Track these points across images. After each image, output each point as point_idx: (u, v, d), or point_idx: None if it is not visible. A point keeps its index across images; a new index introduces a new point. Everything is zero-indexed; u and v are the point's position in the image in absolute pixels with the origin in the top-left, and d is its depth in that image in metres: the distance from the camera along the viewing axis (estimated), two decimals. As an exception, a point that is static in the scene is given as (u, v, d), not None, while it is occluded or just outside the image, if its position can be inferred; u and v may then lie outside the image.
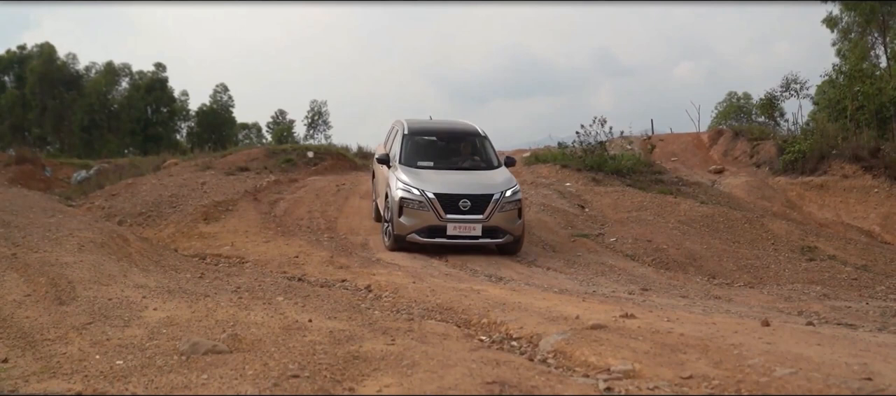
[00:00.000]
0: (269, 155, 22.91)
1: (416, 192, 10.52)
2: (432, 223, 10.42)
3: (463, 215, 10.43)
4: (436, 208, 10.40)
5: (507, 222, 10.56)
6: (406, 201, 10.51)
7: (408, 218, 10.49)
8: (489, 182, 11.05)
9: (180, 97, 62.91)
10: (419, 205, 10.45)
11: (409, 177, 10.87)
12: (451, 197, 10.50)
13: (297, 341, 4.28)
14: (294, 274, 8.64)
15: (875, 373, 3.57)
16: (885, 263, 11.58)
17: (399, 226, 10.54)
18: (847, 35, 30.69)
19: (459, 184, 10.85)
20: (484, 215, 10.46)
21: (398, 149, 11.74)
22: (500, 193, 10.60)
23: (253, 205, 15.21)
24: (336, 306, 5.91)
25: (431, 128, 12.97)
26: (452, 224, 10.42)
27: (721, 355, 4.11)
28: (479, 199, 10.53)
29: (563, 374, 3.88)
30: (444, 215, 10.40)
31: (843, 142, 19.55)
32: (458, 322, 5.66)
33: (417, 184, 10.66)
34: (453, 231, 10.42)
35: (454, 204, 10.45)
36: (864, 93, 21.97)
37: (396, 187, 10.71)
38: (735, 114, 41.80)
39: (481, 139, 12.54)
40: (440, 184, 10.72)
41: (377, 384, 3.47)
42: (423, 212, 10.43)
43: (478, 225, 10.44)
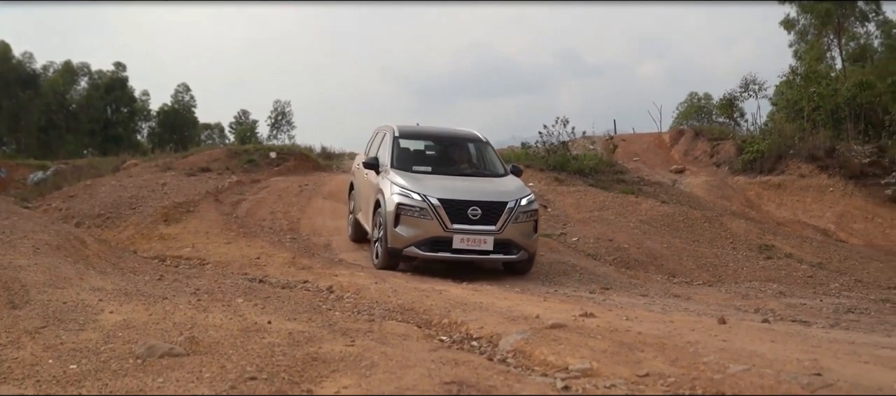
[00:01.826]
0: (232, 155, 22.71)
1: (416, 197, 9.04)
2: (435, 234, 8.94)
3: (472, 225, 8.96)
4: (440, 216, 8.91)
5: (522, 236, 9.20)
6: (404, 208, 9.02)
7: (406, 228, 9.03)
8: (500, 189, 9.64)
9: (141, 97, 62.17)
10: (420, 213, 8.97)
11: (408, 180, 9.42)
12: (458, 203, 9.01)
13: (255, 343, 4.25)
14: (255, 275, 8.57)
15: (825, 369, 3.64)
16: (840, 261, 11.81)
17: (395, 238, 9.07)
18: (804, 37, 31.26)
19: (467, 190, 9.38)
20: (496, 226, 9.01)
21: (388, 153, 10.28)
22: (515, 202, 9.20)
23: (214, 206, 15.06)
24: (296, 307, 5.88)
25: (426, 131, 11.57)
26: (459, 236, 8.90)
27: (677, 353, 4.17)
28: (490, 208, 9.08)
29: (521, 373, 3.90)
30: (450, 225, 8.91)
31: (800, 142, 19.92)
32: (419, 322, 5.66)
33: (418, 188, 9.20)
34: (460, 244, 8.90)
35: (462, 213, 8.96)
36: (820, 94, 22.39)
37: (392, 192, 9.23)
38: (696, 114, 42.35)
39: (483, 145, 11.22)
40: (444, 190, 9.24)
41: (335, 385, 3.46)
42: (424, 221, 8.96)
43: (489, 237, 8.96)
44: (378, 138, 11.49)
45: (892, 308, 7.99)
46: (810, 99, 22.56)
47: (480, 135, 11.37)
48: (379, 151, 10.80)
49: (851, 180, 17.55)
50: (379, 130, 11.76)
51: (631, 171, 19.75)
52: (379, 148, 10.94)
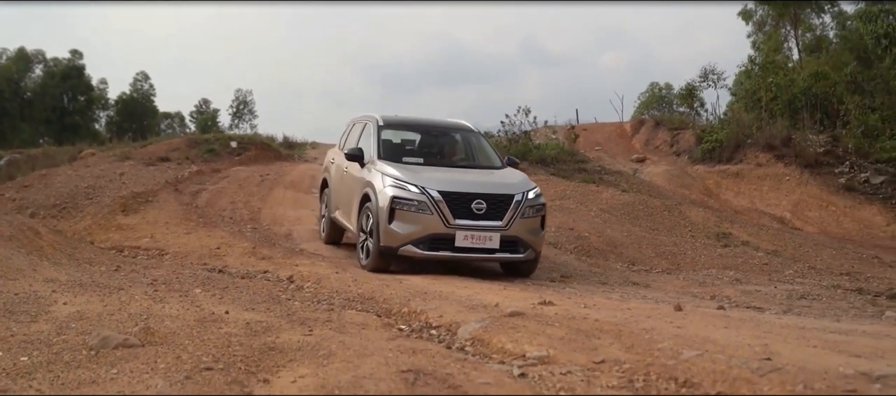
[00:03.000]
0: (192, 144, 22.46)
1: (413, 190, 8.11)
2: (436, 230, 8.02)
3: (476, 221, 8.07)
4: (441, 211, 8.00)
5: (529, 233, 8.33)
6: (400, 202, 8.08)
7: (402, 224, 8.07)
8: (504, 181, 8.78)
9: (99, 85, 61.07)
10: (418, 207, 8.04)
11: (402, 171, 8.51)
12: (461, 196, 8.12)
13: (212, 333, 4.22)
14: (215, 265, 8.50)
15: (775, 353, 3.71)
16: (794, 248, 12.04)
17: (389, 236, 8.08)
18: (761, 27, 31.70)
19: (469, 182, 8.51)
20: (503, 222, 8.13)
21: (373, 143, 9.35)
22: (522, 194, 8.36)
23: (174, 196, 14.89)
24: (255, 297, 5.85)
25: (412, 121, 10.60)
26: (462, 232, 8.01)
27: (633, 339, 4.22)
28: (496, 201, 8.22)
29: (479, 361, 3.92)
30: (452, 220, 8.00)
31: (758, 131, 20.24)
32: (378, 311, 5.67)
33: (415, 179, 8.30)
34: (463, 241, 8.01)
35: (465, 207, 8.08)
36: (778, 84, 22.76)
37: (384, 185, 8.29)
38: (657, 103, 42.75)
39: (476, 135, 10.49)
40: (444, 181, 8.35)
41: (292, 375, 3.45)
42: (422, 217, 8.02)
43: (495, 234, 8.08)
44: (356, 129, 10.58)
45: (842, 294, 8.17)
46: (768, 89, 22.92)
47: (471, 125, 10.62)
48: (360, 142, 9.84)
49: (807, 169, 17.88)
50: (357, 121, 10.82)
51: (592, 161, 19.92)
52: (359, 139, 10.00)
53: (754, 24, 31.85)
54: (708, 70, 29.07)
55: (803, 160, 18.14)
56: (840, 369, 3.37)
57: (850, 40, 26.12)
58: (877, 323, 5.93)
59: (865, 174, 17.12)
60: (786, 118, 21.73)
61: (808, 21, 31.48)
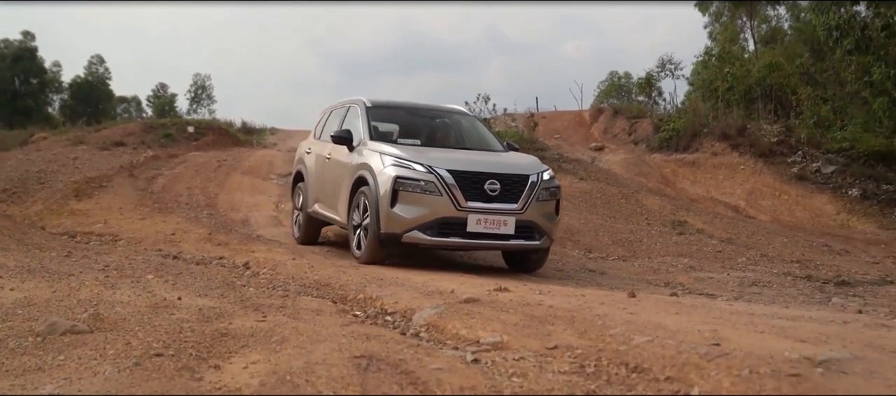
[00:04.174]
0: (148, 129, 22.23)
1: (420, 169, 7.36)
2: (446, 214, 7.28)
3: (490, 204, 7.38)
4: (451, 192, 7.28)
5: (545, 218, 7.68)
6: (404, 182, 7.33)
7: (406, 207, 7.32)
8: (515, 162, 8.11)
9: (52, 68, 59.88)
10: (425, 188, 7.30)
11: (404, 151, 7.77)
12: (473, 176, 7.40)
13: (163, 319, 4.17)
14: (169, 251, 8.40)
15: (723, 339, 3.78)
16: (747, 236, 12.26)
17: (391, 221, 7.35)
18: (718, 18, 32.13)
19: (478, 162, 7.80)
20: (518, 205, 7.46)
21: (362, 126, 8.60)
22: (537, 175, 7.69)
23: (129, 181, 14.69)
24: (209, 283, 5.79)
25: (403, 104, 9.85)
26: (476, 216, 7.29)
27: (586, 326, 4.26)
28: (510, 182, 7.51)
29: (432, 347, 3.93)
30: (464, 202, 7.29)
31: (714, 121, 20.54)
32: (334, 297, 5.65)
33: (420, 158, 7.54)
34: (477, 226, 7.31)
35: (477, 188, 7.38)
36: (734, 74, 23.10)
37: (385, 164, 7.56)
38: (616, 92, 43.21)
39: (471, 119, 9.96)
40: (452, 160, 7.61)
41: (244, 360, 3.42)
42: (430, 198, 7.30)
43: (511, 218, 7.39)
44: (335, 115, 9.88)
45: (792, 281, 8.35)
46: (724, 79, 23.26)
47: (465, 109, 10.07)
48: (342, 127, 9.11)
49: (761, 159, 18.19)
50: (335, 107, 10.16)
51: (551, 148, 20.05)
52: (341, 124, 9.26)
53: (711, 14, 32.28)
54: (666, 60, 29.42)
55: (757, 150, 18.44)
56: (785, 354, 3.44)
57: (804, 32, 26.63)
58: (823, 310, 6.07)
59: (817, 164, 17.46)
60: (741, 108, 22.08)
61: (764, 12, 31.97)
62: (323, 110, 10.68)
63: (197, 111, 62.47)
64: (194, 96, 66.47)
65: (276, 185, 16.30)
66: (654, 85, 29.63)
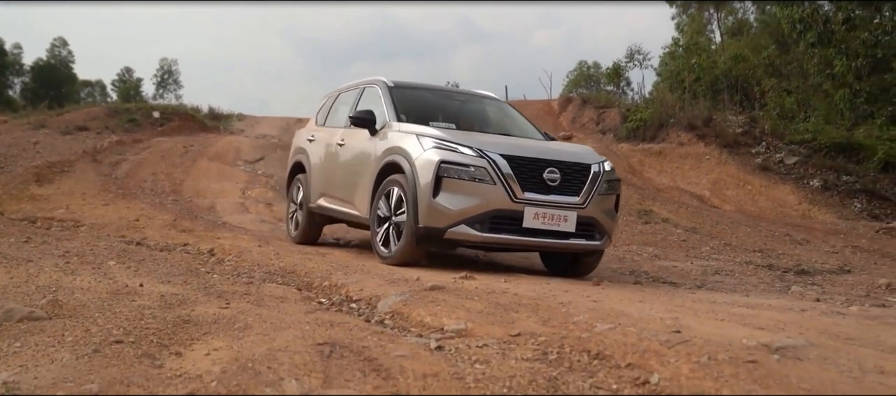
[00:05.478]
0: (112, 114, 21.95)
1: (468, 152, 6.34)
2: (500, 206, 6.24)
3: (549, 195, 6.39)
4: (506, 181, 6.24)
5: (606, 215, 6.74)
6: (451, 168, 6.27)
7: (453, 197, 6.27)
8: (570, 149, 7.24)
9: (12, 50, 58.77)
10: (476, 175, 6.24)
11: (445, 132, 6.76)
12: (531, 163, 6.41)
13: (124, 306, 4.13)
14: (133, 237, 8.30)
15: (684, 326, 3.83)
16: (712, 225, 12.41)
17: (434, 213, 6.29)
18: (686, 10, 32.42)
19: (533, 147, 6.82)
20: (579, 198, 6.49)
21: (387, 107, 7.60)
22: (598, 165, 6.74)
23: (92, 167, 14.50)
24: (173, 270, 5.74)
25: (427, 85, 8.81)
26: (533, 209, 6.29)
27: (550, 313, 4.30)
28: (571, 172, 6.55)
29: (396, 334, 3.94)
30: (521, 193, 6.28)
31: (681, 111, 20.73)
32: (299, 285, 5.63)
33: (467, 140, 6.56)
34: (534, 221, 6.29)
35: (535, 176, 6.37)
36: (700, 65, 23.34)
37: (424, 147, 6.50)
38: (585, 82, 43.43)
39: (505, 105, 9.07)
40: (503, 145, 6.63)
41: (206, 347, 3.40)
42: (482, 187, 6.24)
43: (572, 213, 6.42)
44: (344, 99, 8.92)
45: (753, 269, 8.47)
46: (691, 70, 23.48)
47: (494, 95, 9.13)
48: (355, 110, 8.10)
49: (726, 149, 18.38)
50: (344, 89, 9.18)
51: (520, 137, 20.06)
52: (354, 108, 8.25)
53: (678, 6, 32.54)
54: (634, 50, 29.61)
55: (723, 140, 18.64)
56: (743, 341, 3.49)
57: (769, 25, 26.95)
58: (782, 298, 6.17)
59: (780, 155, 17.69)
60: (708, 99, 22.33)
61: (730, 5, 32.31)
62: (327, 94, 9.69)
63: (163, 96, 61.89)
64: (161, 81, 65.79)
65: (243, 172, 16.19)
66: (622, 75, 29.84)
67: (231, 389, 2.79)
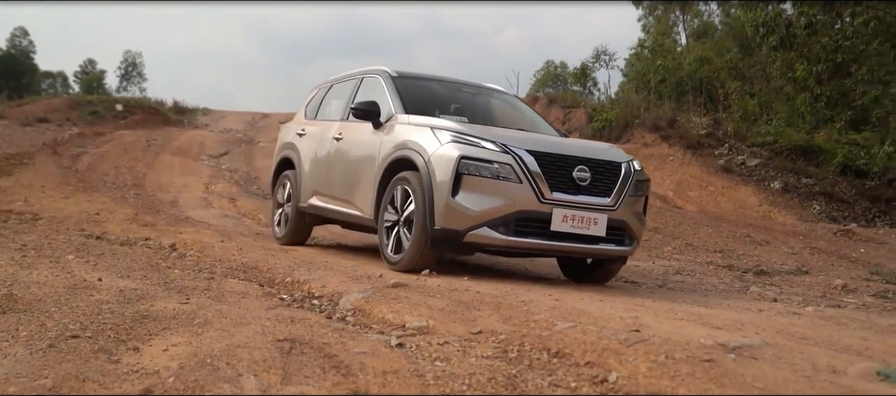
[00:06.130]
0: (73, 106, 21.67)
1: (491, 147, 5.80)
2: (526, 207, 5.71)
3: (578, 196, 5.86)
4: (534, 180, 5.72)
5: (635, 219, 6.24)
6: (472, 164, 5.72)
7: (474, 196, 5.70)
8: (597, 147, 6.63)
9: (-29, 39, 57.54)
10: (500, 172, 5.69)
11: (464, 125, 6.25)
12: (559, 160, 5.88)
13: (81, 301, 4.07)
14: (93, 231, 8.17)
15: (643, 326, 3.88)
16: (675, 226, 12.54)
17: (452, 214, 5.73)
18: (652, 12, 32.74)
19: (559, 143, 6.32)
20: (610, 199, 5.98)
21: (391, 98, 7.03)
22: (628, 164, 6.25)
23: (52, 159, 14.28)
24: (133, 265, 5.67)
25: (433, 76, 8.15)
26: (562, 211, 5.76)
27: (511, 311, 4.32)
28: (602, 170, 6.04)
29: (358, 331, 3.94)
30: (549, 193, 5.75)
31: (646, 112, 20.92)
32: (261, 280, 5.59)
33: (487, 134, 6.03)
34: (562, 224, 5.76)
35: (565, 175, 5.85)
36: (665, 67, 23.58)
37: (442, 141, 5.94)
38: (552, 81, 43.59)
39: (514, 99, 8.60)
40: (527, 140, 6.08)
41: (165, 343, 3.37)
42: (507, 186, 5.69)
43: (602, 216, 5.89)
44: (338, 90, 8.39)
45: (714, 270, 8.58)
46: (656, 71, 23.72)
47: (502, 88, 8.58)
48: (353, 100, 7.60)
49: (689, 150, 18.58)
50: (338, 80, 8.59)
51: (486, 135, 20.10)
52: (351, 100, 7.74)
53: (645, 8, 32.85)
54: (601, 51, 29.83)
55: (686, 141, 18.84)
56: (701, 340, 3.54)
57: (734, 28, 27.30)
58: (740, 298, 6.26)
59: (742, 156, 17.93)
60: (672, 100, 22.55)
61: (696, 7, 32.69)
62: (317, 86, 9.05)
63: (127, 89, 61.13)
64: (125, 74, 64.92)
65: (207, 166, 16.05)
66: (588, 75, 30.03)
67: (188, 385, 2.77)
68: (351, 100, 7.69)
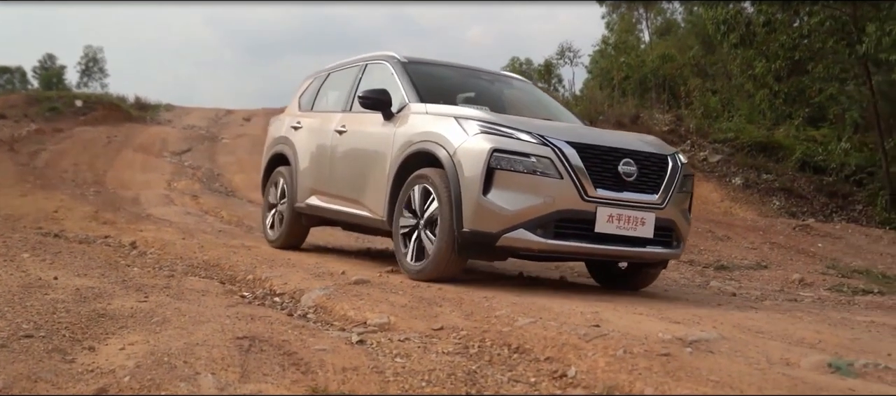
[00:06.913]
0: (31, 102, 21.31)
1: (527, 139, 5.12)
2: (568, 206, 5.05)
3: (623, 193, 5.22)
4: (577, 175, 5.05)
5: (683, 218, 5.61)
6: (506, 157, 5.04)
7: (508, 194, 5.03)
8: (637, 138, 5.86)
9: (-75, 32, 56.20)
10: (537, 167, 5.03)
11: (493, 115, 5.61)
12: (603, 153, 5.23)
13: (36, 300, 4.00)
14: (50, 229, 8.03)
15: (603, 321, 3.92)
16: (637, 221, 12.65)
17: (483, 215, 5.05)
18: (616, 9, 33.01)
19: (599, 135, 5.73)
20: (657, 196, 5.34)
21: (403, 86, 6.29)
22: (673, 157, 5.60)
23: (9, 156, 14.04)
24: (90, 263, 5.58)
25: (446, 62, 7.35)
26: (607, 210, 5.11)
27: (473, 307, 4.34)
28: (648, 164, 5.39)
29: (318, 328, 3.92)
30: (593, 190, 5.09)
31: (609, 108, 21.11)
32: (222, 278, 5.54)
33: (520, 124, 5.36)
34: (608, 224, 5.11)
35: (609, 170, 5.20)
36: (629, 64, 23.80)
37: (470, 132, 5.25)
38: (517, 78, 43.75)
39: (533, 87, 7.90)
40: (565, 130, 5.46)
41: (121, 342, 3.33)
42: (547, 182, 5.03)
43: (650, 215, 5.27)
44: (337, 79, 7.66)
45: (675, 265, 8.63)
46: (620, 68, 23.93)
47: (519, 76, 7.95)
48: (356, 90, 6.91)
49: (652, 146, 18.78)
50: (336, 68, 7.86)
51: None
52: (354, 89, 7.02)
53: (608, 6, 33.11)
54: (565, 48, 30.07)
55: (650, 138, 19.04)
56: (659, 334, 3.59)
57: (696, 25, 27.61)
58: (700, 293, 6.35)
59: (704, 153, 18.18)
60: (636, 97, 22.79)
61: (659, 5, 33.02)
62: (311, 75, 8.32)
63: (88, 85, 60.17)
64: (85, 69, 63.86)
65: (170, 163, 15.87)
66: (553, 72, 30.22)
67: (144, 384, 2.74)
68: (353, 90, 6.99)
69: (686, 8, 31.58)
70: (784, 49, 16.01)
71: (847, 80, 17.09)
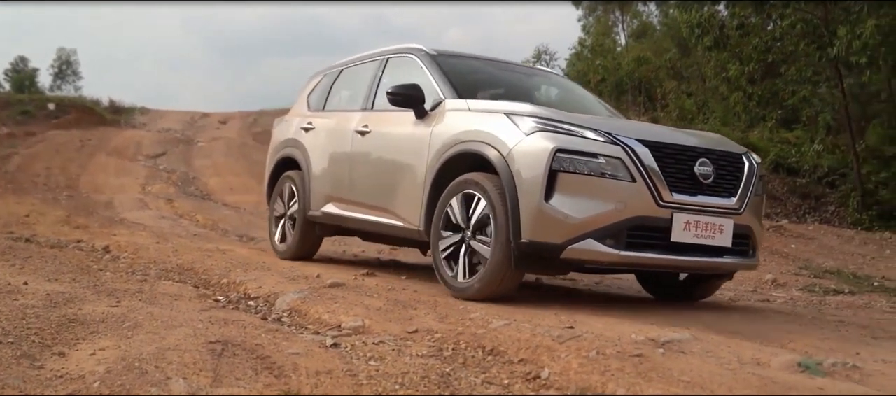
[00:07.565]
0: (3, 105, 21.19)
1: (593, 137, 4.55)
2: (642, 212, 4.49)
3: (699, 196, 4.67)
4: (651, 177, 4.49)
5: (758, 223, 5.09)
6: (568, 159, 4.45)
7: (573, 200, 4.44)
8: (709, 137, 5.37)
9: None
10: (605, 170, 4.45)
11: (551, 111, 4.98)
12: (678, 152, 4.70)
13: (5, 305, 3.94)
14: (21, 234, 7.93)
15: (578, 322, 3.94)
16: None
17: (545, 223, 4.46)
18: (592, 12, 33.18)
19: (668, 133, 5.17)
20: (735, 200, 4.82)
21: (436, 81, 5.67)
22: (747, 156, 5.08)
23: (-21, 160, 13.85)
24: (61, 268, 5.52)
25: (476, 55, 6.66)
26: (684, 216, 4.57)
27: (448, 310, 4.35)
28: (724, 164, 4.88)
29: (293, 332, 3.91)
30: (670, 195, 4.54)
31: (586, 111, 21.18)
32: (196, 282, 5.50)
33: (582, 121, 4.77)
34: (684, 233, 4.57)
35: (685, 171, 4.66)
36: (605, 67, 23.92)
37: (525, 129, 4.66)
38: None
39: (569, 82, 7.32)
40: (634, 128, 4.96)
41: (92, 347, 3.29)
42: (617, 186, 4.46)
43: (728, 221, 4.73)
44: (352, 75, 7.07)
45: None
46: (596, 71, 24.04)
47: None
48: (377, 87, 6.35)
49: (628, 149, 18.87)
50: (351, 63, 7.23)
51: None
52: (374, 86, 6.43)
53: (585, 8, 33.29)
54: (542, 50, 30.13)
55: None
56: (632, 336, 3.61)
57: (672, 28, 27.81)
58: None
59: (680, 155, 18.28)
60: (612, 99, 22.86)
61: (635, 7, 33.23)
62: (320, 72, 7.71)
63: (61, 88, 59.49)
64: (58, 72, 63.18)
65: (144, 167, 15.75)
66: (530, 74, 30.26)
67: (115, 389, 2.71)
68: (374, 87, 6.40)
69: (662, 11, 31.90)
70: (757, 52, 16.13)
71: (819, 83, 17.25)
